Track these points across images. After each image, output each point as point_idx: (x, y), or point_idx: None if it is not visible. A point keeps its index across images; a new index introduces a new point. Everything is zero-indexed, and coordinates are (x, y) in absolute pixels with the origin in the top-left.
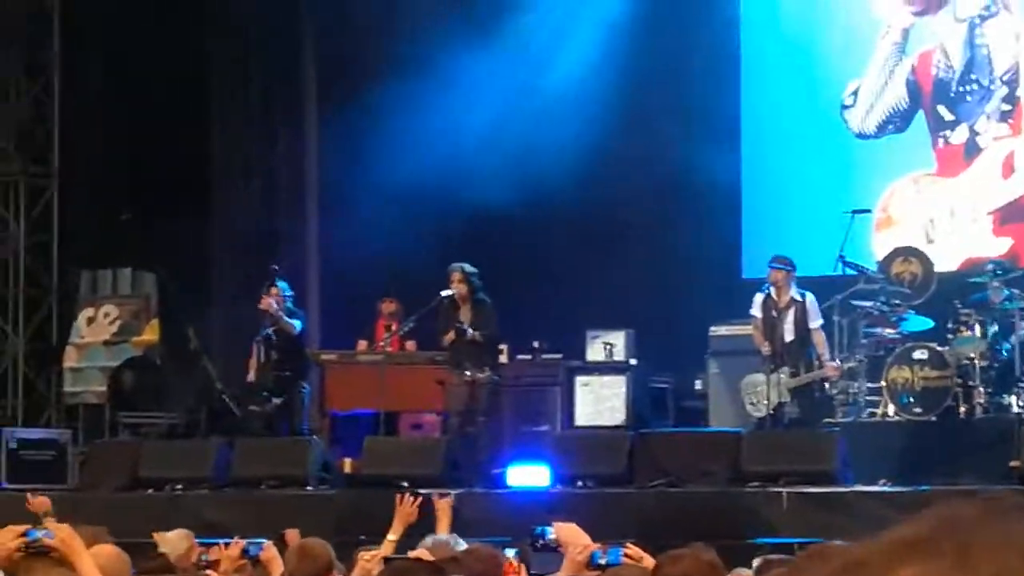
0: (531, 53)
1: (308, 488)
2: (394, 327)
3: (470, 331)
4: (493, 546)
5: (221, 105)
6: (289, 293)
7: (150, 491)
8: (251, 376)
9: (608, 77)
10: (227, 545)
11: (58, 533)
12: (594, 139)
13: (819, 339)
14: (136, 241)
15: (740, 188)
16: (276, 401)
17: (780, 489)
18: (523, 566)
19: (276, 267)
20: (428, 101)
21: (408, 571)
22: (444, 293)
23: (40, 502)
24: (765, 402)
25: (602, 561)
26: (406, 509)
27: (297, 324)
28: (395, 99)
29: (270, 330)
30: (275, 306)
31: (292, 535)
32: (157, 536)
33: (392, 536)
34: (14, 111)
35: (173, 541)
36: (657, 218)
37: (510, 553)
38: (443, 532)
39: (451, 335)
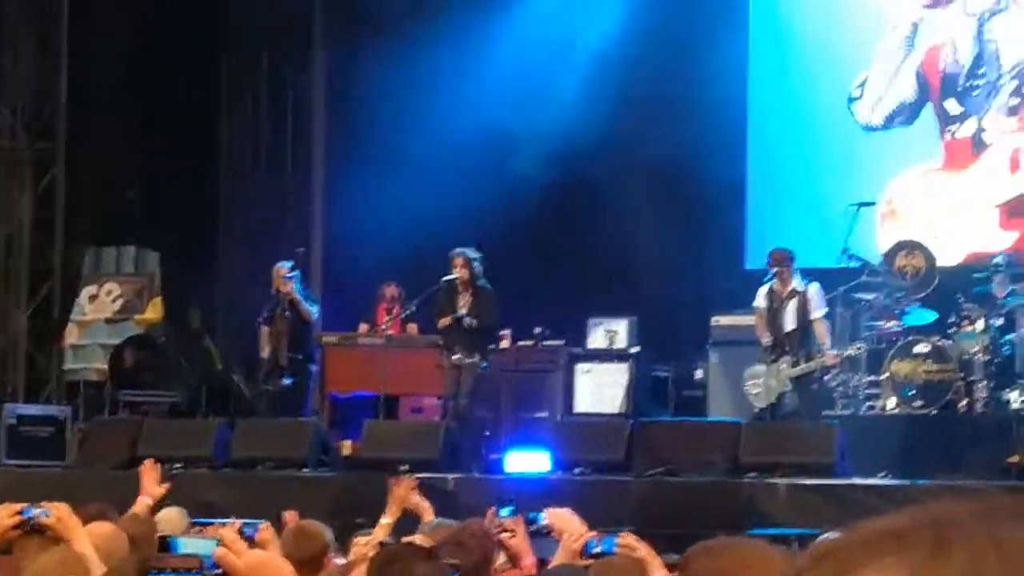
0: (536, 36)
1: (306, 470)
2: (395, 311)
3: (467, 319)
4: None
5: (230, 86)
6: (295, 274)
7: None
8: (265, 353)
9: (616, 66)
10: (223, 526)
11: (54, 511)
12: (600, 128)
13: (820, 330)
14: (140, 219)
15: (745, 179)
16: (287, 382)
17: (778, 480)
18: (520, 520)
19: (302, 250)
20: (434, 83)
21: (399, 555)
22: (446, 278)
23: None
24: (765, 392)
25: (596, 550)
26: (401, 491)
27: (314, 310)
28: (401, 82)
29: (287, 312)
30: (292, 288)
31: (290, 517)
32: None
33: (387, 519)
34: (22, 85)
35: (173, 519)
36: (662, 207)
37: (505, 512)
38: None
39: (446, 320)
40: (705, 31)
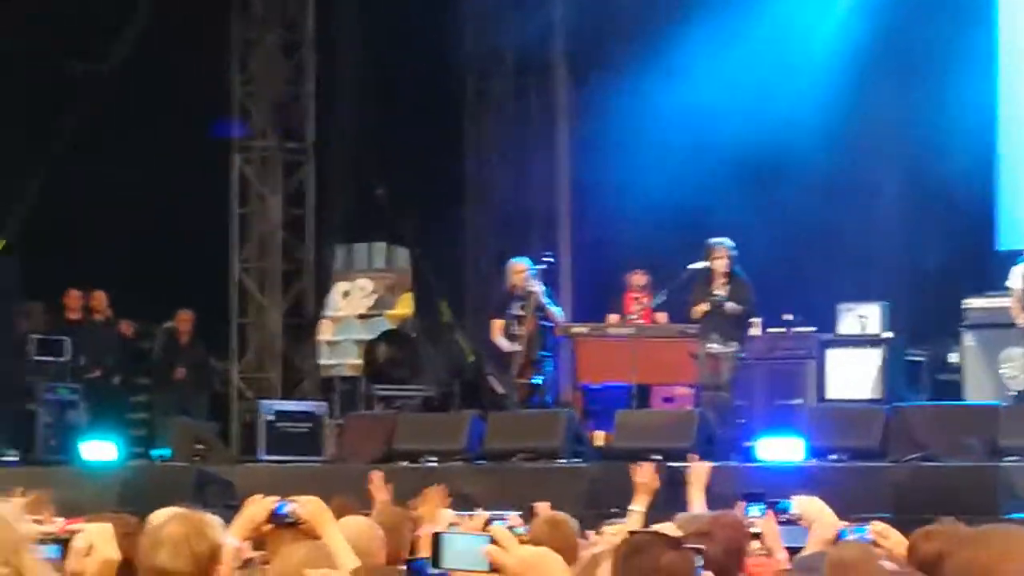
0: (779, 20)
1: (560, 461)
2: (644, 299)
3: (730, 304)
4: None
5: (475, 82)
6: (536, 271)
7: (404, 463)
8: (510, 347)
9: (858, 45)
10: (472, 517)
11: (307, 506)
12: (845, 109)
13: None
14: (390, 215)
15: (995, 156)
16: (539, 380)
17: None
18: (770, 515)
19: (549, 254)
20: (677, 72)
21: (645, 544)
22: (694, 266)
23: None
24: (1022, 375)
25: (850, 539)
26: (644, 478)
27: (558, 311)
28: (645, 70)
29: (532, 313)
30: (540, 290)
31: (541, 508)
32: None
33: (638, 507)
34: (271, 88)
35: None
36: (910, 189)
37: (755, 509)
38: (697, 502)
39: (702, 307)
40: (950, 8)
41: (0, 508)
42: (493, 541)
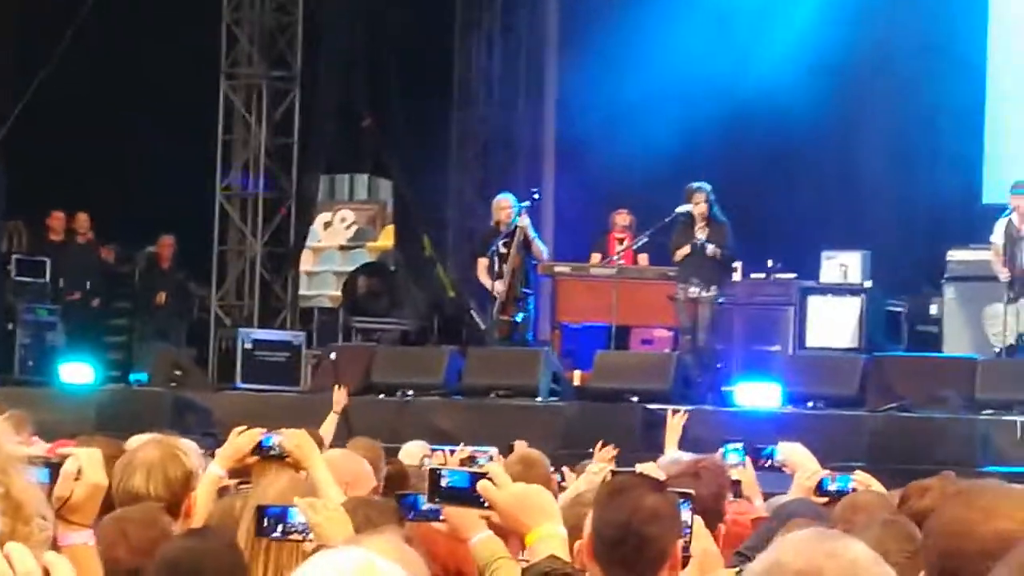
0: None
1: (538, 399)
2: (627, 240)
3: (710, 246)
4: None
5: (464, 12)
6: (523, 207)
7: (381, 396)
8: (499, 288)
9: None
10: (452, 453)
11: (292, 439)
12: (832, 57)
13: None
14: (373, 147)
15: (983, 110)
16: (520, 316)
17: (1014, 417)
18: (749, 461)
19: (536, 191)
20: (668, 10)
21: (629, 484)
22: (680, 209)
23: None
24: (1006, 332)
25: (831, 488)
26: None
27: (543, 248)
28: (635, 6)
29: (518, 249)
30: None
31: (520, 447)
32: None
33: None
34: (259, 16)
35: (412, 452)
36: (896, 139)
37: (733, 451)
38: (672, 448)
39: (685, 250)
40: None
41: None
42: (487, 477)
